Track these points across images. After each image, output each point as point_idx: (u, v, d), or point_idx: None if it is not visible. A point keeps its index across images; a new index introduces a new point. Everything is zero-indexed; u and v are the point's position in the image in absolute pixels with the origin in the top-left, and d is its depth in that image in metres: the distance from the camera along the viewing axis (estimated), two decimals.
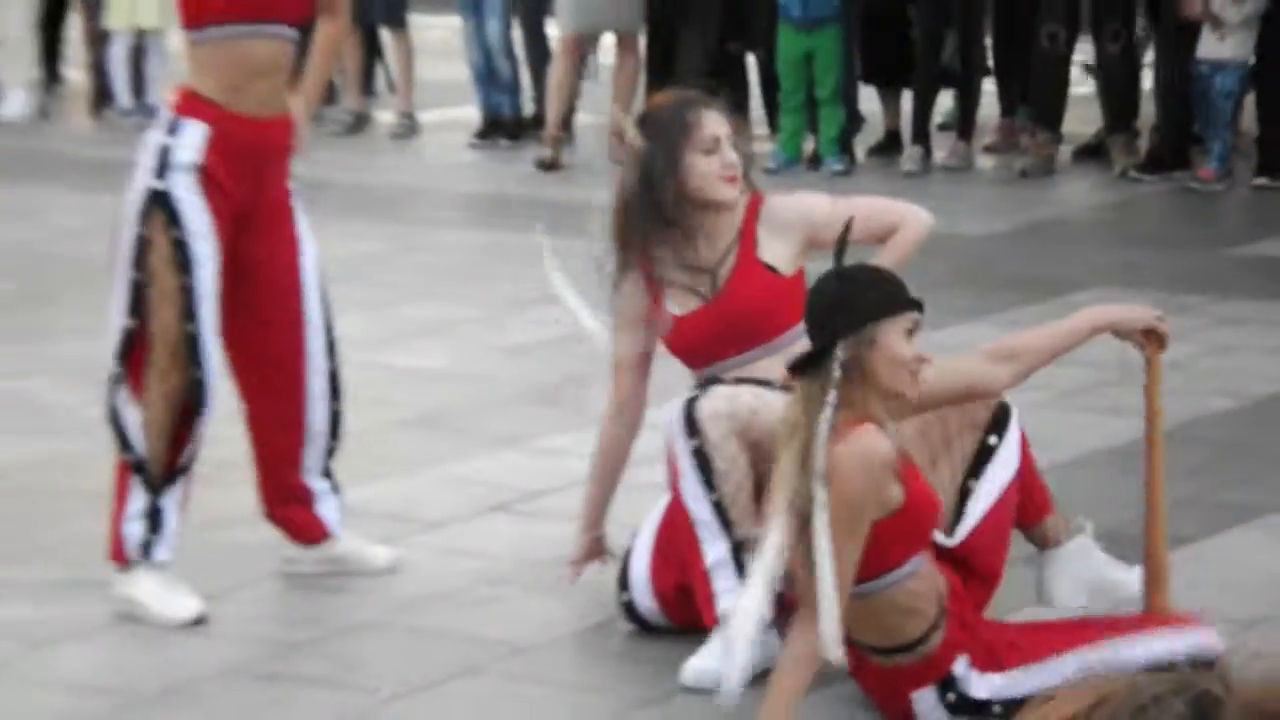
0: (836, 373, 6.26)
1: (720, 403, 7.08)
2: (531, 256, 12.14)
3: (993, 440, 7.01)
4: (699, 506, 7.08)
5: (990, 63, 14.96)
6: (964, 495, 6.99)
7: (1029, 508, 7.13)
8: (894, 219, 7.40)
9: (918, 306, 6.48)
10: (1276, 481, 8.80)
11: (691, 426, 7.08)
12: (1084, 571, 7.16)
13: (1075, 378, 7.45)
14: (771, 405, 6.85)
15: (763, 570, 6.26)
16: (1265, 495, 8.61)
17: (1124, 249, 12.67)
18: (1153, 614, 6.89)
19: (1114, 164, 14.43)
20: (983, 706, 6.65)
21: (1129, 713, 1.75)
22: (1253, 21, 13.70)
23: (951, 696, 6.63)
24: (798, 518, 6.20)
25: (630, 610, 7.43)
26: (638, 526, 7.56)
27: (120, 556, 7.40)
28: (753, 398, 7.03)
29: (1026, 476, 7.10)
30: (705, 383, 7.39)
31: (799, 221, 7.56)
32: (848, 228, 6.79)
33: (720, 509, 7.06)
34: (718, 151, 7.43)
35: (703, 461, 7.08)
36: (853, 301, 6.42)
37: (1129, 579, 7.05)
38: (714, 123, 7.51)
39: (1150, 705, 1.77)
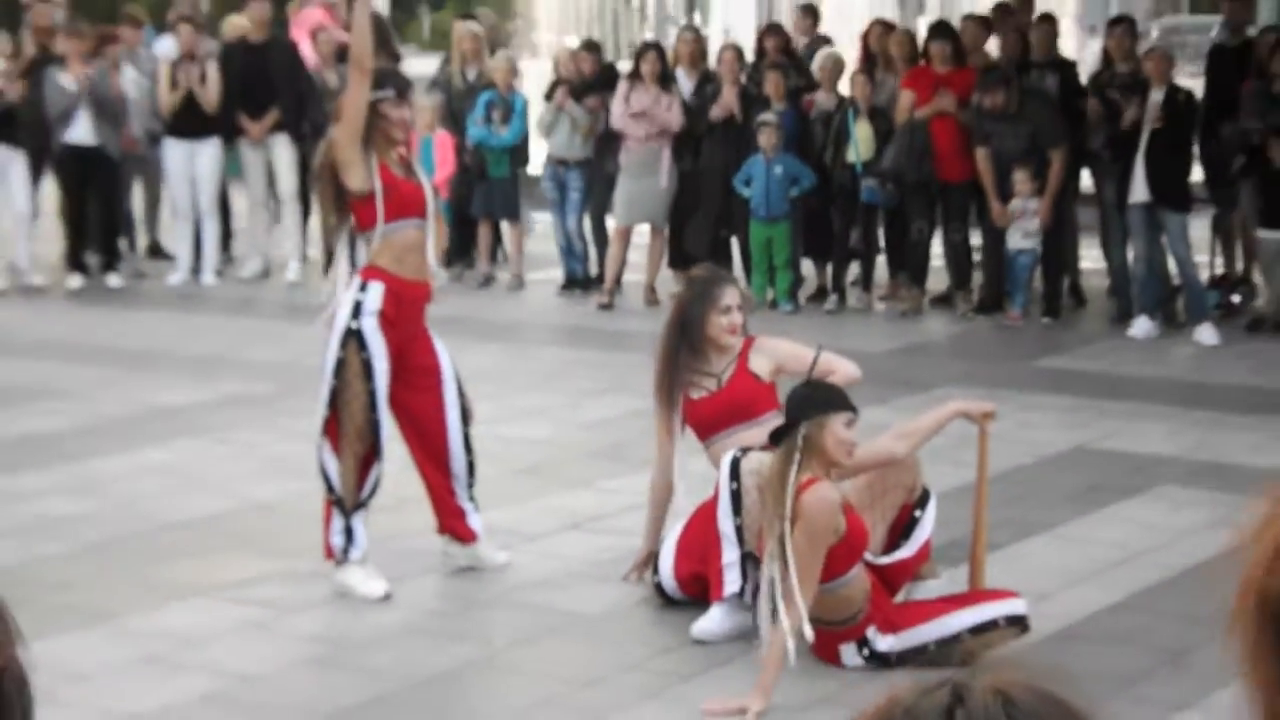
0: (799, 443, 6.50)
1: (754, 463, 7.22)
2: (594, 365, 12.39)
3: (918, 514, 7.23)
4: (726, 524, 7.27)
5: (881, 244, 14.88)
6: (894, 546, 7.20)
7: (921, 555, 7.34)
8: (834, 366, 7.57)
9: (853, 409, 6.81)
10: (1059, 508, 9.00)
11: (735, 474, 7.26)
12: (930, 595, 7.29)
13: (937, 442, 7.57)
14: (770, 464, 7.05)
15: (779, 603, 6.53)
16: (1052, 516, 8.84)
17: (964, 362, 12.66)
18: (981, 592, 7.14)
19: (957, 309, 14.40)
20: (884, 656, 6.92)
21: (903, 713, 1.59)
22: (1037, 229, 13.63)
23: (865, 650, 6.94)
24: (779, 543, 6.41)
25: (659, 589, 7.64)
26: (665, 536, 7.75)
27: (331, 556, 7.71)
28: (769, 460, 7.08)
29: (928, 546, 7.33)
30: (738, 449, 7.44)
31: (774, 353, 7.87)
32: (814, 364, 7.52)
33: (739, 530, 7.23)
34: (729, 314, 7.69)
35: (736, 498, 7.22)
36: (814, 400, 6.78)
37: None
38: (730, 295, 7.83)
39: (920, 700, 1.58)
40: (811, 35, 16.65)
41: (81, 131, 15.50)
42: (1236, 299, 14.24)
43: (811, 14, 17.25)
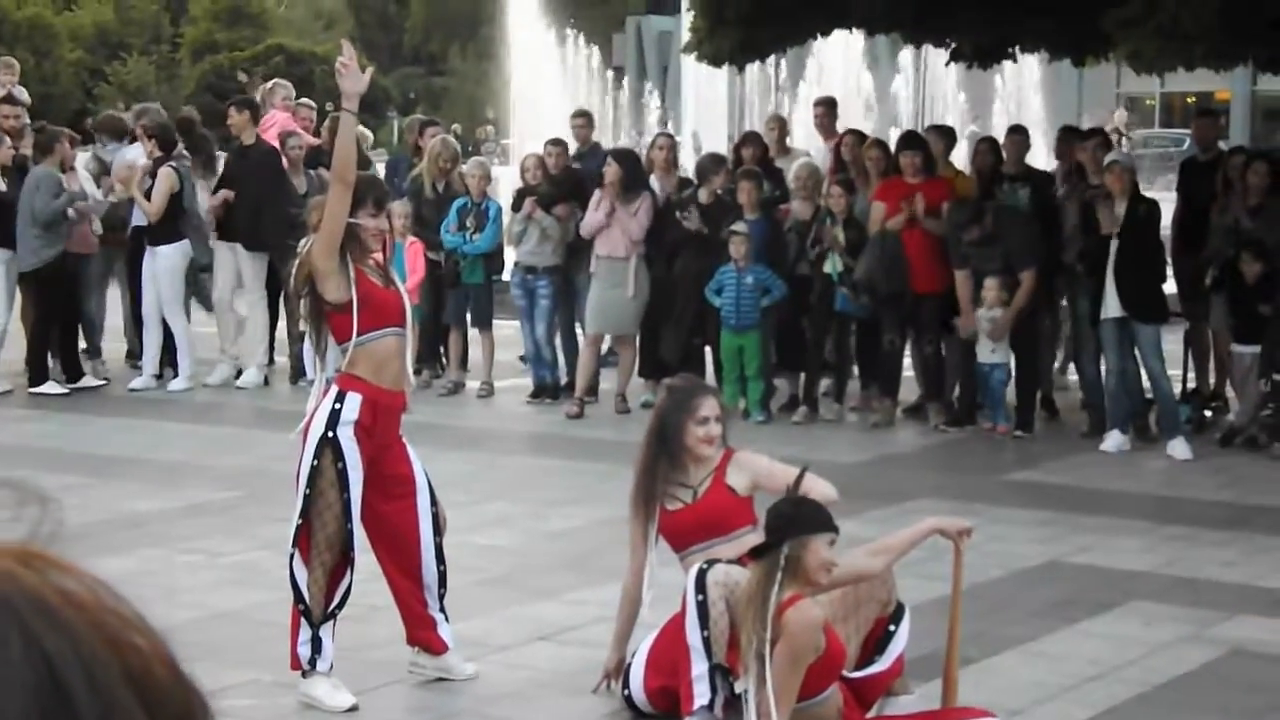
0: (782, 561, 6.54)
1: (720, 575, 7.20)
2: (564, 474, 12.41)
3: (892, 628, 7.23)
4: (694, 636, 7.19)
5: (854, 355, 14.98)
6: (868, 661, 7.19)
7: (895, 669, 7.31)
8: (813, 486, 7.36)
9: (835, 529, 6.82)
10: (1032, 623, 8.97)
11: (701, 586, 7.22)
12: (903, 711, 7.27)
13: (911, 556, 7.61)
14: (744, 580, 7.02)
15: (752, 709, 6.59)
16: (1024, 631, 8.81)
17: (936, 474, 12.72)
18: (955, 709, 7.13)
19: (931, 420, 14.49)
20: None
21: None
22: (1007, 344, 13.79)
23: None
24: (758, 660, 6.44)
25: (629, 701, 7.63)
26: (635, 648, 7.71)
27: (297, 666, 7.68)
28: (739, 575, 7.09)
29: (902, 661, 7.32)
30: (704, 561, 7.41)
31: (752, 470, 7.81)
32: (799, 481, 7.25)
33: (707, 642, 7.16)
34: (707, 425, 7.68)
35: (702, 610, 7.18)
36: (798, 520, 6.78)
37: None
38: (708, 405, 7.82)
39: None
40: (781, 145, 16.82)
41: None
42: (1209, 413, 14.35)
43: (780, 123, 17.44)
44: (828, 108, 16.60)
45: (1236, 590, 9.69)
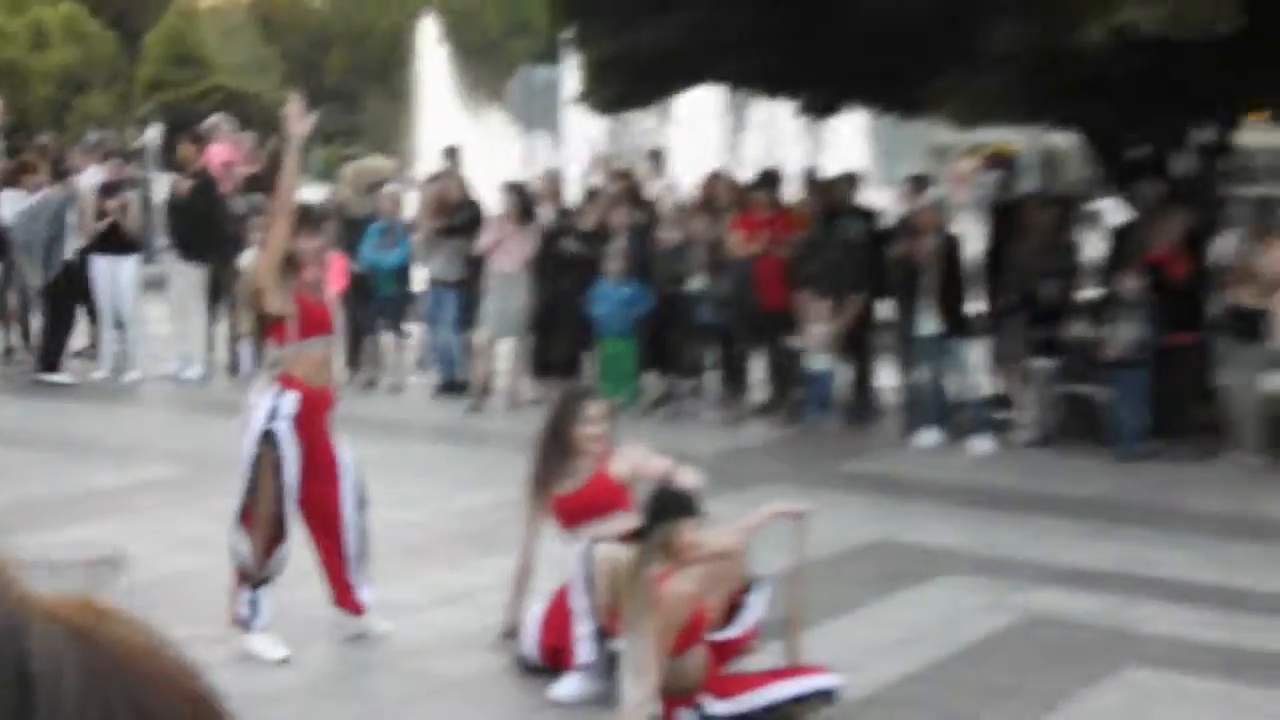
0: (656, 541, 6.56)
1: (603, 551, 7.25)
2: (465, 459, 12.36)
3: (747, 599, 7.25)
4: (580, 603, 7.27)
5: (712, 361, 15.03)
6: (728, 626, 7.19)
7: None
8: (683, 477, 7.47)
9: (701, 514, 6.92)
10: (862, 592, 9.01)
11: (587, 560, 7.30)
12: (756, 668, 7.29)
13: (761, 535, 7.62)
14: (623, 556, 7.02)
15: (630, 672, 6.60)
16: (856, 599, 8.84)
17: (780, 463, 12.71)
18: (800, 666, 7.15)
19: (774, 417, 14.52)
20: (715, 718, 6.91)
21: None
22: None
23: (700, 713, 6.94)
24: (635, 625, 6.56)
25: (522, 659, 7.64)
26: (529, 611, 7.72)
27: (238, 622, 7.66)
28: (620, 552, 7.09)
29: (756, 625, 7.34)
30: (589, 539, 7.45)
31: (631, 462, 7.83)
32: (671, 473, 7.41)
33: (591, 608, 7.24)
34: (593, 424, 7.75)
35: (588, 581, 7.25)
36: (670, 506, 6.87)
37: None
38: (595, 408, 7.87)
39: None
40: (653, 179, 16.87)
41: None
42: (1007, 415, 14.50)
43: (656, 158, 17.50)
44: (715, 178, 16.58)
45: (1030, 565, 9.78)
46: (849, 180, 15.14)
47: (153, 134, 32.40)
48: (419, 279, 16.10)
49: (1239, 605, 8.97)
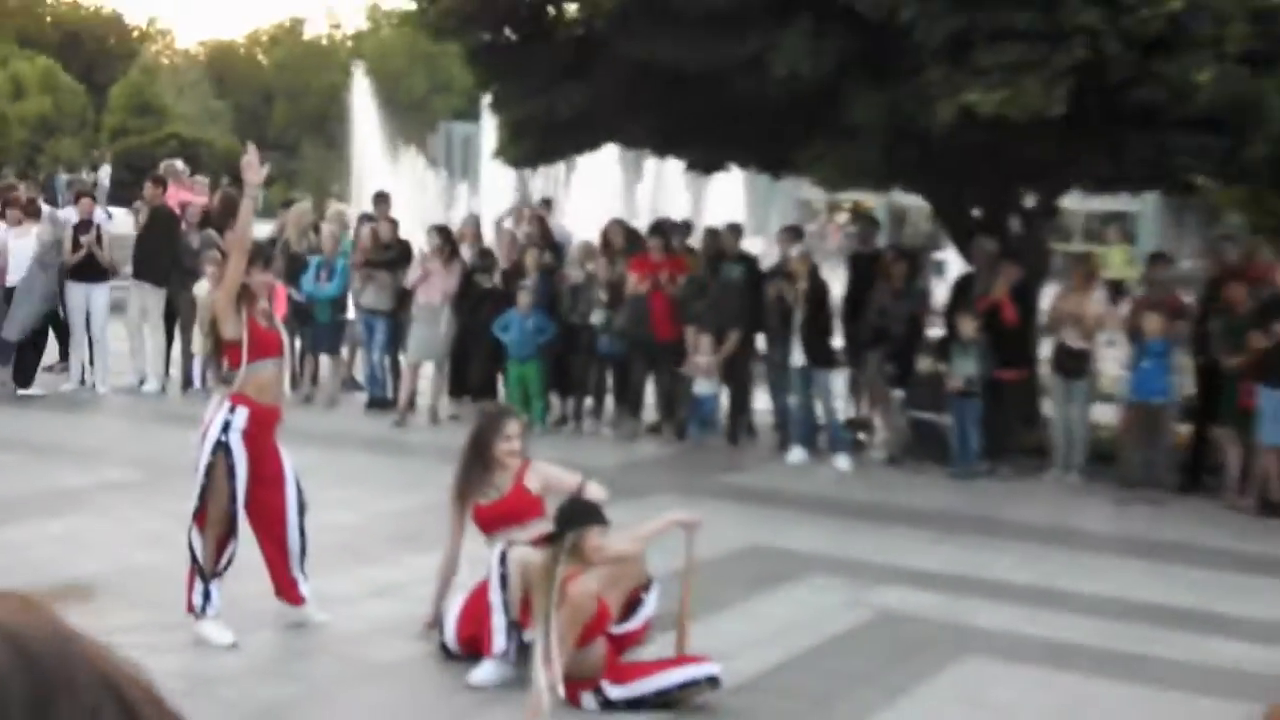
0: (566, 546, 6.53)
1: (518, 554, 7.18)
2: (392, 467, 12.21)
3: (644, 596, 7.19)
4: (496, 598, 7.20)
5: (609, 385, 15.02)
6: (626, 620, 7.14)
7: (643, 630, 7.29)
8: (591, 490, 7.46)
9: (606, 521, 6.91)
10: (739, 590, 8.97)
11: (503, 562, 7.22)
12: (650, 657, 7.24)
13: (657, 542, 7.58)
14: (535, 558, 6.99)
15: (539, 661, 6.52)
16: (734, 596, 8.80)
17: (669, 476, 12.65)
18: (687, 656, 7.11)
19: (663, 435, 14.49)
20: (613, 702, 6.88)
21: None
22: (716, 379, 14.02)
23: (600, 697, 6.91)
24: (545, 619, 6.42)
25: (443, 646, 7.56)
26: (450, 605, 7.63)
27: (191, 610, 7.55)
28: (532, 555, 7.05)
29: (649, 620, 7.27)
30: (505, 542, 7.38)
31: (544, 475, 7.75)
32: (581, 486, 7.35)
33: (506, 603, 7.17)
34: (511, 441, 7.65)
35: (504, 579, 7.18)
36: (578, 515, 6.86)
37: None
38: (512, 426, 7.75)
39: None
40: (542, 222, 16.85)
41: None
42: (864, 436, 14.63)
43: (548, 205, 17.56)
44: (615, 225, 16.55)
45: (882, 567, 9.80)
46: (733, 230, 15.18)
47: (103, 174, 31.95)
48: (352, 309, 16.01)
49: (1057, 604, 9.04)
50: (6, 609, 0.91)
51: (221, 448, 7.56)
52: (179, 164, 19.48)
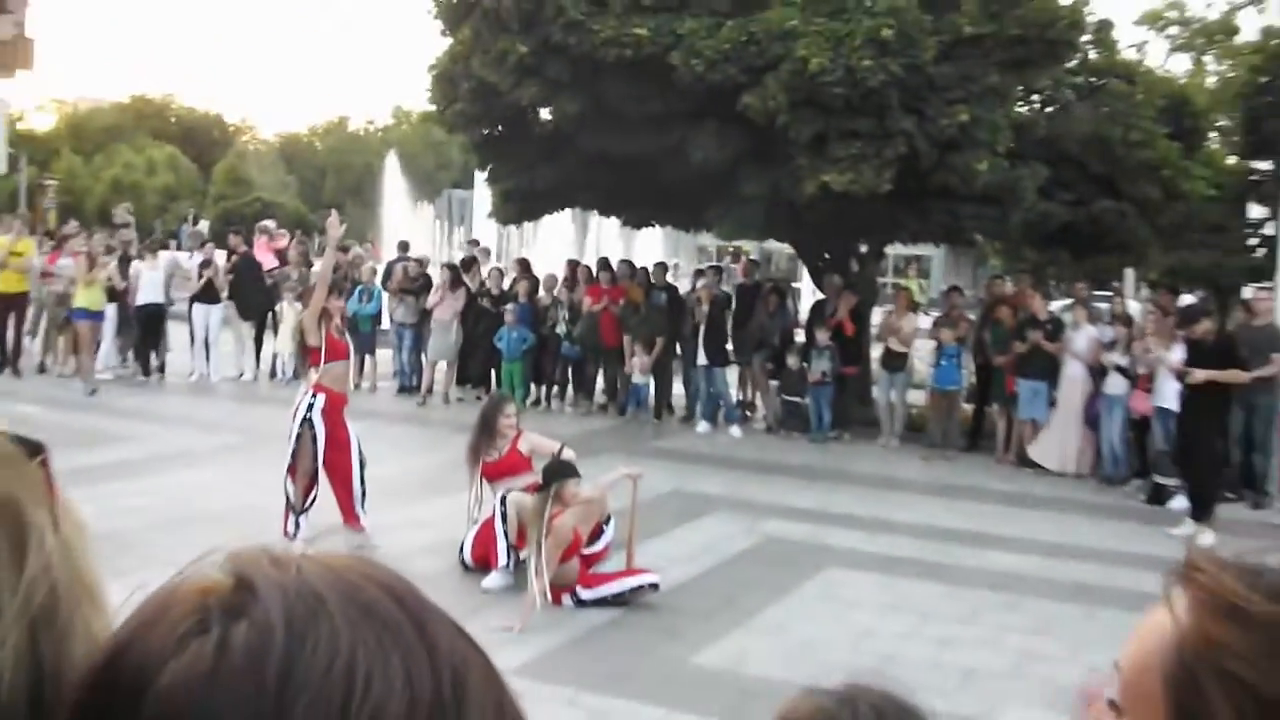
0: (551, 493, 6.48)
1: (515, 498, 7.13)
2: (418, 435, 12.03)
3: (605, 528, 7.09)
4: (499, 529, 7.12)
5: (570, 378, 14.94)
6: (592, 543, 7.03)
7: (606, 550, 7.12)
8: (566, 453, 7.21)
9: (579, 475, 6.81)
10: (667, 521, 8.75)
11: (503, 503, 7.15)
12: (609, 569, 7.10)
13: (613, 489, 7.51)
14: (527, 501, 6.91)
15: (533, 573, 6.43)
16: (663, 526, 8.57)
17: (613, 441, 12.32)
18: (636, 569, 7.04)
19: (610, 412, 14.48)
20: (584, 601, 6.78)
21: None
22: (648, 373, 13.95)
23: (575, 598, 6.81)
24: (536, 544, 6.37)
25: (463, 563, 7.44)
26: (467, 534, 7.52)
27: (286, 535, 7.38)
28: (526, 499, 6.98)
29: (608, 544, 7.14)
30: (505, 489, 7.28)
31: (532, 442, 7.61)
32: (560, 450, 7.10)
33: (505, 532, 7.09)
34: (509, 418, 7.57)
35: (504, 516, 7.10)
36: (560, 471, 6.85)
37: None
38: (509, 408, 7.66)
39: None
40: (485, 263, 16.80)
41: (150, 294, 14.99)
42: (750, 413, 14.69)
43: (476, 244, 17.61)
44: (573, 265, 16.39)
45: (765, 506, 9.72)
46: (662, 268, 15.18)
47: (202, 225, 31.45)
48: (387, 321, 15.90)
49: (887, 529, 9.08)
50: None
51: (306, 423, 7.54)
52: (271, 224, 19.23)
